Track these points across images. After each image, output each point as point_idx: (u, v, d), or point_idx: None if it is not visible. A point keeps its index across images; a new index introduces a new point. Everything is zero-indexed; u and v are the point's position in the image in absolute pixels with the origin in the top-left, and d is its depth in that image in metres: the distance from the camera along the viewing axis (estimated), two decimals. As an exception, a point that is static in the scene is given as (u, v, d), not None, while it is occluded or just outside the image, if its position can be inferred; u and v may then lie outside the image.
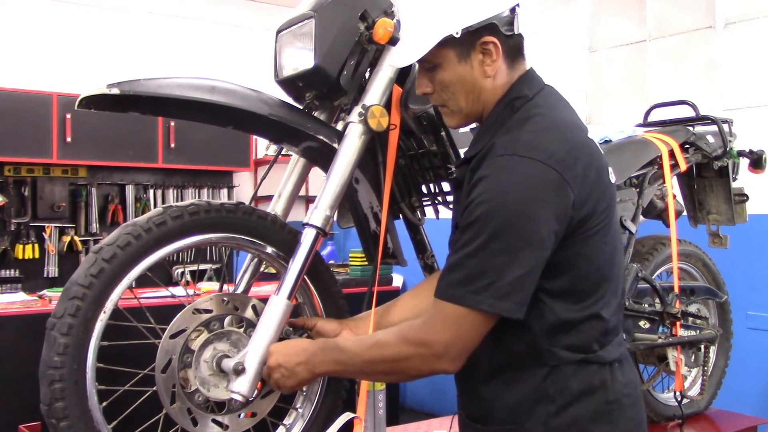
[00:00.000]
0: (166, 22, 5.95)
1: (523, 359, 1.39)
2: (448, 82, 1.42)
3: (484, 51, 1.40)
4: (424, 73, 1.46)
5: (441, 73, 1.42)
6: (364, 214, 1.81)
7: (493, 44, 1.39)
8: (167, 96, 1.51)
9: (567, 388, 1.37)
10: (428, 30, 1.38)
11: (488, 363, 1.41)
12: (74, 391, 1.38)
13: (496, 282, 1.28)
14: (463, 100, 1.43)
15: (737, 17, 4.08)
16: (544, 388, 1.37)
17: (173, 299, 1.77)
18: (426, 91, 1.47)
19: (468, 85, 1.42)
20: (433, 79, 1.44)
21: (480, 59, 1.40)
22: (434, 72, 1.43)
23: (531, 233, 1.28)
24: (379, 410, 1.81)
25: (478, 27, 1.37)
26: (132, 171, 5.77)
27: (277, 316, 1.53)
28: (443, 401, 5.03)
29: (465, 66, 1.41)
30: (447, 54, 1.40)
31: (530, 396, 1.38)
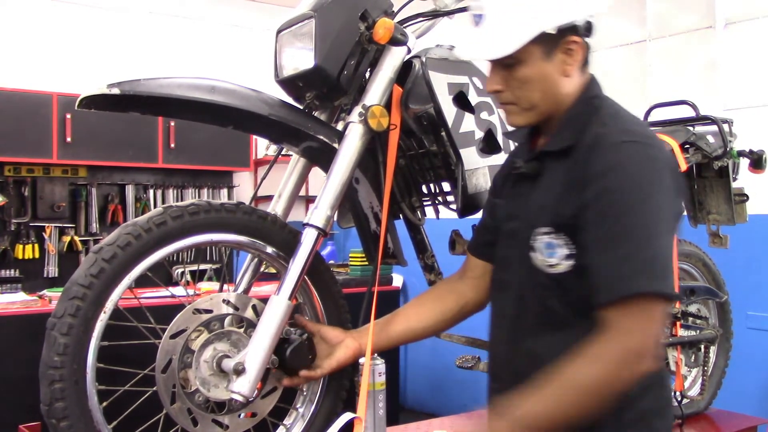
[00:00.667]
0: (166, 22, 5.95)
1: None
2: (529, 78, 1.42)
3: (567, 50, 1.43)
4: (497, 69, 1.44)
5: (522, 69, 1.42)
6: (365, 214, 1.81)
7: (577, 44, 1.43)
8: (167, 96, 1.51)
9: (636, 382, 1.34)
10: (521, 25, 1.38)
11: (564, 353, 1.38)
12: (74, 391, 1.38)
13: (666, 263, 1.30)
14: (539, 97, 1.44)
15: (737, 17, 4.08)
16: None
17: (173, 299, 1.77)
18: (497, 88, 1.46)
19: (547, 83, 1.43)
20: (507, 76, 1.44)
21: (562, 58, 1.43)
22: (512, 68, 1.42)
23: (674, 216, 1.35)
24: (379, 410, 1.81)
25: (566, 27, 1.40)
26: (132, 171, 5.77)
27: (278, 316, 1.53)
28: (443, 401, 5.03)
29: (548, 64, 1.42)
30: (533, 50, 1.40)
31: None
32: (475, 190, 1.84)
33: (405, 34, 1.73)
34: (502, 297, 1.52)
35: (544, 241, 1.40)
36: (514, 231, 1.49)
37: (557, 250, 1.38)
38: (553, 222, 1.39)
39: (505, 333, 1.51)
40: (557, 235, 1.38)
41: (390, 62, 1.74)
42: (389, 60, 1.74)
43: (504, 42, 1.39)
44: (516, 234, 1.48)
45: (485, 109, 1.91)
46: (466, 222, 1.93)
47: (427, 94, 1.78)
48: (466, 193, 1.82)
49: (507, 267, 1.51)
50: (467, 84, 1.88)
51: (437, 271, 2.01)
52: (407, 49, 1.76)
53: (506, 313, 1.50)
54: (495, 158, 1.90)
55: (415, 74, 1.79)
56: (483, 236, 1.69)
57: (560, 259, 1.38)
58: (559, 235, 1.38)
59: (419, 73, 1.79)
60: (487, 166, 1.88)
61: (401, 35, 1.71)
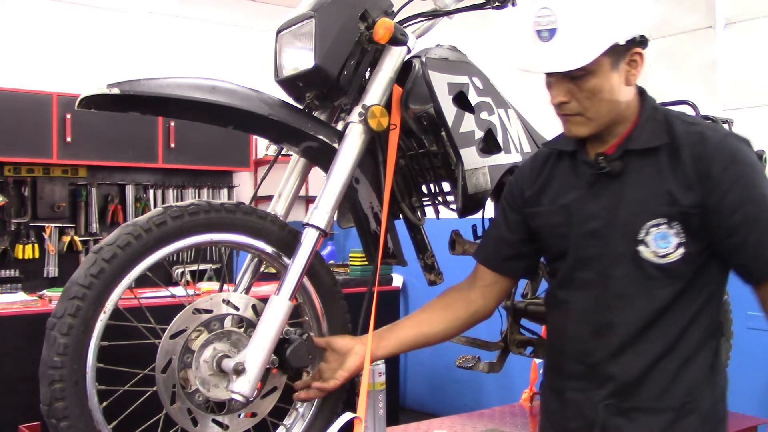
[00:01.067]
0: (166, 22, 5.95)
1: (705, 333, 1.50)
2: (598, 89, 1.46)
3: (631, 62, 1.48)
4: (564, 81, 1.47)
5: (592, 80, 1.45)
6: (365, 214, 1.81)
7: (639, 56, 1.49)
8: (168, 96, 1.50)
9: (718, 361, 1.53)
10: (596, 37, 1.42)
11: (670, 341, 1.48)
12: (74, 391, 1.37)
13: None
14: (606, 107, 1.48)
15: (737, 17, 4.07)
16: (711, 360, 1.51)
17: (173, 299, 1.77)
18: (563, 100, 1.49)
19: (614, 94, 1.48)
20: (573, 88, 1.47)
21: (626, 69, 1.48)
22: (581, 80, 1.45)
23: None
24: (380, 410, 1.81)
25: (631, 39, 1.45)
26: (132, 171, 5.77)
27: (278, 317, 1.53)
28: (443, 401, 5.03)
29: (615, 74, 1.47)
30: (603, 62, 1.44)
31: (704, 369, 1.50)
32: (475, 190, 1.84)
33: (405, 34, 1.73)
34: (584, 295, 1.54)
35: (657, 232, 1.46)
36: (600, 230, 1.51)
37: (671, 240, 1.45)
38: (666, 213, 1.45)
39: (590, 329, 1.53)
40: (670, 225, 1.45)
41: (390, 62, 1.74)
42: (389, 60, 1.74)
43: (579, 54, 1.42)
44: (605, 232, 1.51)
45: (485, 109, 1.91)
46: (466, 222, 1.93)
47: (427, 94, 1.78)
48: (466, 193, 1.82)
49: (589, 266, 1.53)
50: (467, 84, 1.88)
51: (437, 271, 2.01)
52: (407, 49, 1.76)
53: (591, 311, 1.53)
54: (495, 158, 1.91)
55: (415, 74, 1.79)
56: (501, 251, 1.72)
57: (673, 249, 1.45)
58: (672, 225, 1.45)
59: (419, 73, 1.79)
60: (487, 166, 1.88)
61: (401, 35, 1.71)
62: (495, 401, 3.99)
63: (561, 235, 1.58)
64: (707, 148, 1.45)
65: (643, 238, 1.47)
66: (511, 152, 1.96)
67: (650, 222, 1.46)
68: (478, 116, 1.88)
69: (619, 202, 1.50)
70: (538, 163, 1.69)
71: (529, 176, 1.68)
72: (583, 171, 1.57)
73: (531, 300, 2.45)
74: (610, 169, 1.51)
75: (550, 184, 1.63)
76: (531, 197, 1.66)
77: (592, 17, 1.42)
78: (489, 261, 1.74)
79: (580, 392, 1.55)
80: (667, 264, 1.46)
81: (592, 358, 1.52)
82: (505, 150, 1.93)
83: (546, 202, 1.62)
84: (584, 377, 1.54)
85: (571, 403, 1.56)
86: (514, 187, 1.72)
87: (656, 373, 1.49)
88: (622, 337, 1.49)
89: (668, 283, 1.47)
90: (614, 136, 1.54)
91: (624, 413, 1.50)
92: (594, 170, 1.53)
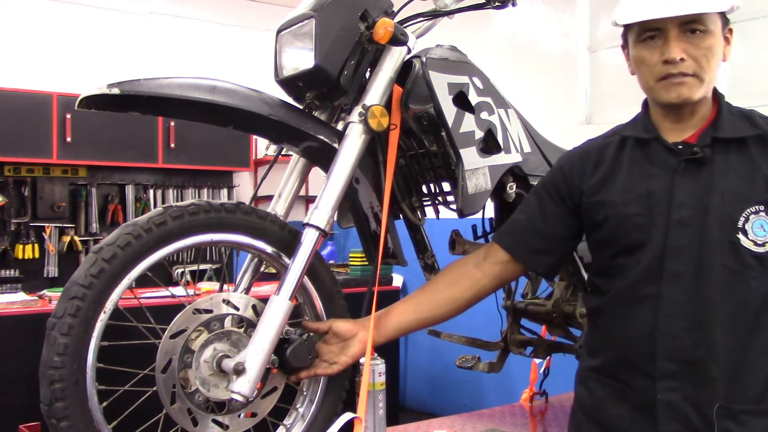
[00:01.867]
0: (166, 22, 5.95)
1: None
2: (716, 51, 1.46)
3: (726, 38, 1.50)
4: (682, 37, 1.45)
5: (710, 39, 1.45)
6: (365, 214, 1.81)
7: (731, 34, 1.51)
8: (168, 96, 1.50)
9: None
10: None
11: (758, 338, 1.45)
12: (74, 391, 1.38)
13: None
14: (714, 72, 1.48)
15: (737, 17, 4.07)
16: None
17: (173, 299, 1.77)
18: (679, 56, 1.45)
19: (719, 62, 1.48)
20: (690, 47, 1.45)
21: (723, 44, 1.49)
22: (701, 38, 1.44)
23: None
24: (380, 410, 1.81)
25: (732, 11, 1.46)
26: (132, 171, 5.77)
27: (278, 317, 1.53)
28: (443, 401, 5.03)
29: (722, 41, 1.48)
30: (719, 23, 1.46)
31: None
32: (475, 190, 1.84)
33: (405, 34, 1.73)
34: (676, 288, 1.46)
35: (756, 220, 1.44)
36: (691, 218, 1.46)
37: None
38: (765, 201, 1.44)
39: (685, 324, 1.45)
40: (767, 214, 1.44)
41: (390, 62, 1.74)
42: (389, 60, 1.74)
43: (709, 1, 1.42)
44: (698, 221, 1.45)
45: (485, 109, 1.91)
46: (466, 222, 1.93)
47: (427, 94, 1.78)
48: (466, 193, 1.82)
49: (680, 256, 1.46)
50: (467, 84, 1.88)
51: (437, 271, 2.01)
52: (407, 49, 1.76)
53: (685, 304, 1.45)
54: (495, 158, 1.90)
55: (415, 74, 1.79)
56: (531, 242, 1.65)
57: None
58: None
59: (419, 73, 1.79)
60: (487, 166, 1.87)
61: (401, 35, 1.71)
62: (495, 401, 3.99)
63: (639, 225, 1.49)
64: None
65: (743, 226, 1.43)
66: (511, 152, 1.96)
67: (750, 209, 1.43)
68: (478, 116, 1.87)
69: (711, 190, 1.45)
70: (594, 152, 1.62)
71: (584, 165, 1.61)
72: (663, 158, 1.51)
73: (531, 300, 2.45)
74: (702, 156, 1.47)
75: (617, 172, 1.55)
76: (594, 186, 1.57)
77: None
78: (515, 250, 1.67)
79: (674, 392, 1.44)
80: (765, 253, 1.43)
81: (690, 355, 1.44)
82: (506, 150, 1.93)
83: (617, 190, 1.54)
84: (680, 376, 1.45)
85: (665, 404, 1.45)
86: (562, 176, 1.63)
87: (759, 370, 1.44)
88: (723, 332, 1.43)
89: (764, 274, 1.43)
90: (693, 125, 1.51)
91: (733, 416, 1.42)
92: (682, 156, 1.48)
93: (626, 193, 1.52)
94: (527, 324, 2.42)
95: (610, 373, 1.55)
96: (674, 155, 1.49)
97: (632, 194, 1.51)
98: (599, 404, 1.56)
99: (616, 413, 1.52)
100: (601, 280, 1.59)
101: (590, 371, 1.60)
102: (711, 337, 1.43)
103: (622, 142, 1.58)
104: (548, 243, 1.64)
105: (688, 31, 1.44)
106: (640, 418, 1.48)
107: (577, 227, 1.63)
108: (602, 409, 1.55)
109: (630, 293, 1.51)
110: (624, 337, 1.52)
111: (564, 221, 1.62)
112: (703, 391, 1.43)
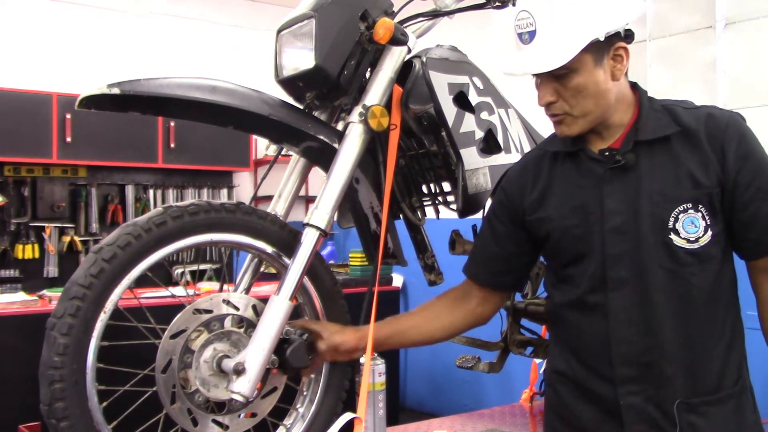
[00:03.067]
0: (166, 22, 5.95)
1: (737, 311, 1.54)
2: (583, 87, 1.46)
3: (615, 57, 1.49)
4: (549, 82, 1.47)
5: (575, 78, 1.45)
6: (365, 214, 1.81)
7: (624, 50, 1.49)
8: (168, 96, 1.50)
9: (742, 338, 1.55)
10: (574, 35, 1.41)
11: (716, 326, 1.49)
12: (74, 392, 1.38)
13: None
14: (592, 104, 1.48)
15: (737, 17, 4.07)
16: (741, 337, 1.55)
17: (173, 299, 1.77)
18: (550, 100, 1.49)
19: (600, 90, 1.47)
20: (559, 88, 1.47)
21: (611, 64, 1.48)
22: (565, 78, 1.46)
23: None
24: (380, 410, 1.81)
25: (614, 33, 1.45)
26: (132, 171, 5.77)
27: (278, 317, 1.53)
28: (443, 401, 5.03)
29: (599, 70, 1.47)
30: (585, 59, 1.45)
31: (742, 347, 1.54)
32: (475, 190, 1.84)
33: (405, 34, 1.73)
34: (622, 295, 1.49)
35: (686, 218, 1.46)
36: (625, 224, 1.48)
37: (699, 224, 1.46)
38: (692, 198, 1.46)
39: (637, 329, 1.48)
40: (696, 209, 1.46)
41: (390, 62, 1.74)
42: (389, 60, 1.74)
43: (559, 53, 1.42)
44: (632, 226, 1.48)
45: (485, 109, 1.91)
46: (466, 222, 1.93)
47: (427, 94, 1.78)
48: (467, 193, 1.82)
49: (620, 263, 1.48)
50: (467, 84, 1.88)
51: (437, 271, 2.01)
52: (407, 49, 1.76)
53: (634, 309, 1.48)
54: (495, 158, 1.90)
55: (415, 74, 1.78)
56: (493, 265, 1.70)
57: (702, 232, 1.46)
58: (698, 208, 1.46)
59: (419, 73, 1.79)
60: (487, 166, 1.87)
61: (401, 35, 1.71)
62: (495, 401, 3.99)
63: (578, 236, 1.53)
64: (719, 126, 1.47)
65: (674, 226, 1.46)
66: (511, 152, 1.96)
67: (678, 208, 1.46)
68: (478, 116, 1.87)
69: (639, 194, 1.48)
70: (530, 167, 1.65)
71: (524, 181, 1.64)
72: (591, 168, 1.54)
73: (531, 300, 2.45)
74: (625, 162, 1.49)
75: (552, 187, 1.59)
76: (533, 203, 1.61)
77: (568, 16, 1.42)
78: (479, 277, 1.73)
79: (635, 395, 1.48)
80: (699, 248, 1.46)
81: (644, 358, 1.47)
82: (506, 150, 1.93)
83: (553, 205, 1.57)
84: (638, 380, 1.48)
85: (628, 408, 1.48)
86: (505, 197, 1.67)
87: (712, 362, 1.48)
88: (672, 331, 1.46)
89: (702, 269, 1.46)
90: (614, 131, 1.53)
91: (693, 409, 1.46)
92: (607, 165, 1.50)
93: (562, 207, 1.56)
94: (527, 324, 2.41)
95: (573, 378, 1.57)
96: (600, 164, 1.52)
97: (567, 207, 1.56)
98: (568, 406, 1.59)
99: (585, 415, 1.55)
100: (555, 290, 1.63)
101: (556, 374, 1.63)
102: (662, 338, 1.47)
103: (555, 156, 1.62)
104: (506, 263, 1.70)
105: (553, 75, 1.46)
106: (608, 419, 1.52)
107: (529, 241, 1.66)
108: (572, 410, 1.58)
109: (581, 302, 1.55)
110: (581, 345, 1.56)
111: (514, 240, 1.66)
112: (663, 390, 1.47)
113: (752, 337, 1.57)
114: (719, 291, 1.49)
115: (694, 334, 1.47)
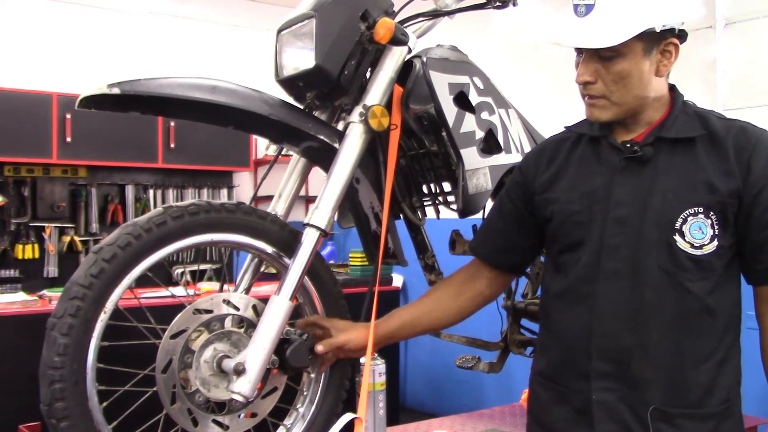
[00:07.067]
0: (166, 22, 5.95)
1: (735, 333, 1.50)
2: (626, 73, 1.44)
3: (664, 51, 1.46)
4: (592, 61, 1.45)
5: (621, 63, 1.43)
6: (365, 214, 1.81)
7: (674, 47, 1.47)
8: (168, 96, 1.50)
9: (739, 363, 1.52)
10: (632, 18, 1.40)
11: (709, 341, 1.45)
12: (74, 392, 1.37)
13: None
14: (631, 94, 1.46)
15: (737, 17, 4.07)
16: (738, 362, 1.51)
17: (173, 299, 1.77)
18: (588, 80, 1.47)
19: (642, 81, 1.45)
20: (601, 69, 1.45)
21: (658, 58, 1.46)
22: (611, 62, 1.43)
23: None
24: (380, 410, 1.81)
25: (669, 28, 1.43)
26: (132, 171, 5.76)
27: (278, 317, 1.53)
28: (443, 401, 5.03)
29: (646, 61, 1.44)
30: (636, 46, 1.42)
31: (736, 371, 1.50)
32: (475, 190, 1.84)
33: (406, 34, 1.73)
34: (612, 288, 1.46)
35: (694, 222, 1.43)
36: (629, 217, 1.46)
37: (706, 231, 1.43)
38: (704, 203, 1.42)
39: (621, 325, 1.45)
40: (707, 215, 1.42)
41: (391, 62, 1.74)
42: (390, 60, 1.74)
43: (612, 32, 1.40)
44: (636, 220, 1.45)
45: (486, 109, 1.91)
46: (467, 222, 1.93)
47: (427, 94, 1.78)
48: (467, 193, 1.82)
49: (616, 255, 1.46)
50: (468, 84, 1.88)
51: (438, 271, 2.01)
52: (408, 48, 1.76)
53: (622, 304, 1.45)
54: (496, 158, 1.90)
55: (415, 74, 1.78)
56: (495, 241, 1.71)
57: (708, 240, 1.42)
58: (709, 215, 1.42)
59: (420, 73, 1.79)
60: (487, 166, 1.87)
61: (402, 35, 1.71)
62: (495, 401, 3.99)
63: (579, 222, 1.51)
64: (749, 140, 1.44)
65: (680, 227, 1.42)
66: (511, 152, 1.96)
67: (688, 211, 1.42)
68: (478, 116, 1.87)
69: (651, 190, 1.45)
70: (549, 148, 1.63)
71: (539, 161, 1.63)
72: (609, 157, 1.51)
73: (531, 300, 2.45)
74: (642, 154, 1.47)
75: (567, 169, 1.57)
76: (544, 183, 1.60)
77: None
78: (478, 251, 1.74)
79: (609, 392, 1.45)
80: (702, 256, 1.42)
81: (624, 356, 1.44)
82: (506, 150, 1.93)
83: (562, 188, 1.56)
84: (614, 377, 1.45)
85: (600, 404, 1.45)
86: (520, 176, 1.66)
87: (699, 375, 1.43)
88: (659, 334, 1.43)
89: (701, 277, 1.42)
90: (642, 126, 1.51)
91: (668, 419, 1.42)
92: (624, 155, 1.48)
93: (571, 191, 1.55)
94: (527, 324, 2.41)
95: (552, 377, 1.56)
96: (618, 153, 1.51)
97: (576, 192, 1.54)
98: (542, 408, 1.58)
99: (556, 416, 1.53)
100: (549, 278, 1.61)
101: (536, 375, 1.62)
102: (646, 339, 1.43)
103: (578, 139, 1.60)
104: (507, 241, 1.69)
105: (599, 55, 1.44)
106: (578, 420, 1.49)
107: (535, 227, 1.64)
108: (544, 412, 1.57)
109: (571, 291, 1.52)
110: (564, 337, 1.53)
111: (520, 220, 1.66)
112: (638, 392, 1.44)
113: (752, 337, 1.56)
114: (717, 306, 1.44)
115: (683, 342, 1.43)
